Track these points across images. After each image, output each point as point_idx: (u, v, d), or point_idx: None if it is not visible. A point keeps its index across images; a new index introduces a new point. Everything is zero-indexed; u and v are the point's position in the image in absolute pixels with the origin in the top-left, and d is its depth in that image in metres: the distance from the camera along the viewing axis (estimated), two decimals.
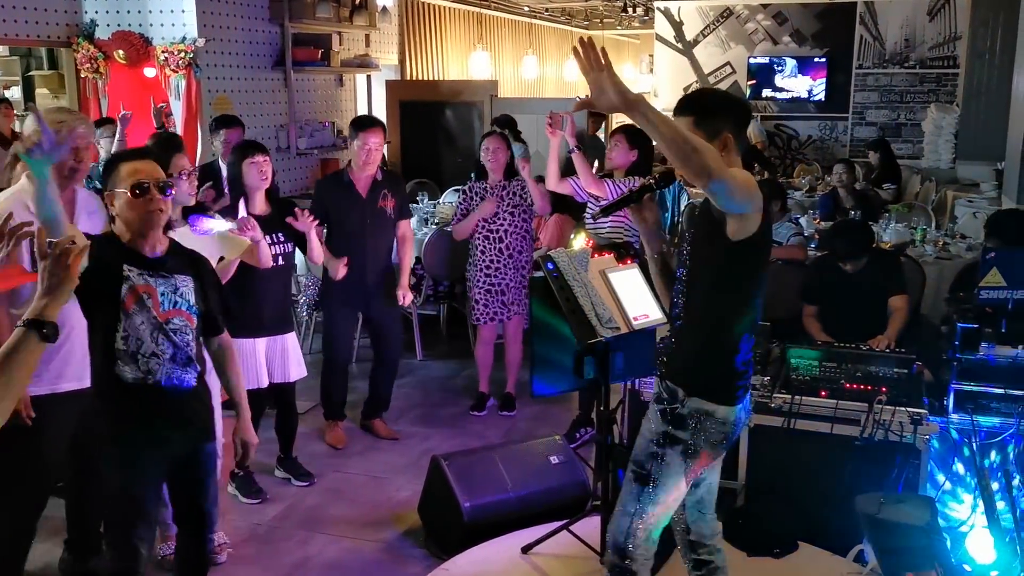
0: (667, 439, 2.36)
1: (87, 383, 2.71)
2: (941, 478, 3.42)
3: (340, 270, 4.16)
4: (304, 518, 3.89)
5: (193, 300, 2.62)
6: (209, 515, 2.84)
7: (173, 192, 2.59)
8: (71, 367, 2.94)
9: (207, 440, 2.76)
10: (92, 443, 2.69)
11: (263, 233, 3.56)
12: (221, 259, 3.34)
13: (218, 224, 3.33)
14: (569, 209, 5.54)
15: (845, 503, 3.15)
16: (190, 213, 3.33)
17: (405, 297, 4.61)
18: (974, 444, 3.35)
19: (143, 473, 2.59)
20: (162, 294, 2.54)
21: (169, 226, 2.72)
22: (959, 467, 3.41)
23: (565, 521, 3.34)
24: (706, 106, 2.32)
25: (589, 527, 3.26)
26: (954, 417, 3.37)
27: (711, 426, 2.35)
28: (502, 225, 4.83)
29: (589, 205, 4.63)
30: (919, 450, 3.31)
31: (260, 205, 3.91)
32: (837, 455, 3.36)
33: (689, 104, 2.34)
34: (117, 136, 5.25)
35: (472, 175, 5.05)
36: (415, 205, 7.22)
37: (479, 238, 4.85)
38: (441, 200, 7.32)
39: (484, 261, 4.85)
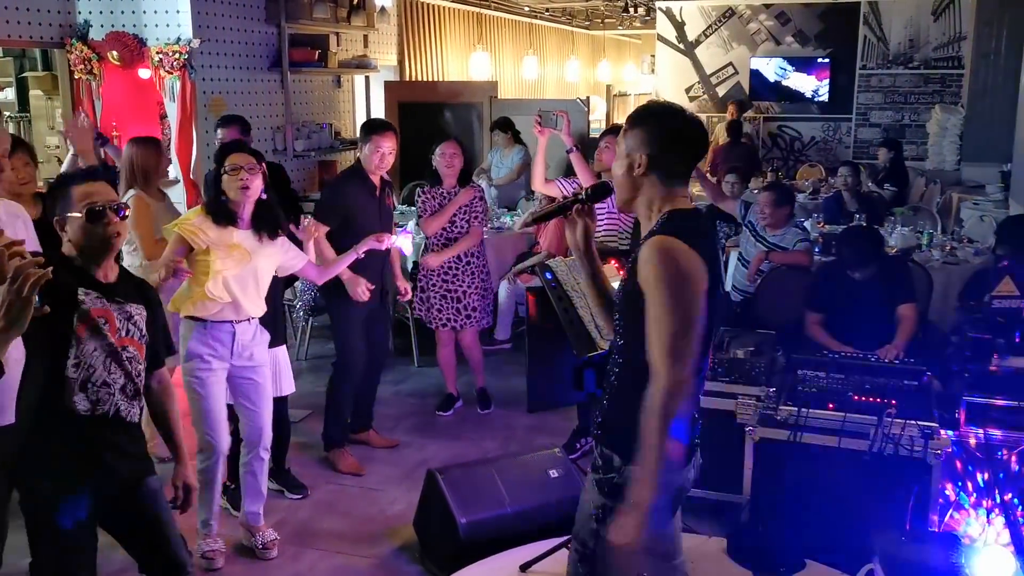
0: (606, 512, 2.03)
1: (10, 419, 2.46)
2: (952, 493, 3.32)
3: (363, 292, 4.08)
4: (296, 532, 3.79)
5: (144, 330, 2.51)
6: (179, 560, 2.59)
7: (127, 214, 2.47)
8: (6, 399, 2.69)
9: (149, 473, 2.57)
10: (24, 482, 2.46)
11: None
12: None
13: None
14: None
15: (854, 519, 3.06)
16: None
17: (407, 291, 4.60)
18: (986, 458, 3.26)
19: (85, 514, 2.40)
20: (118, 319, 2.42)
21: None
22: (971, 482, 3.32)
23: (565, 538, 3.23)
24: (630, 119, 2.12)
25: None
26: (966, 430, 3.27)
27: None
28: (462, 233, 4.79)
29: None
30: (930, 465, 3.21)
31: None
32: (845, 470, 3.26)
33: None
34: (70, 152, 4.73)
35: (423, 182, 4.92)
36: (412, 208, 7.12)
37: (437, 243, 4.81)
38: None
39: (443, 267, 4.80)
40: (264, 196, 3.39)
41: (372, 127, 4.32)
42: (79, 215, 2.36)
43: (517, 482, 3.55)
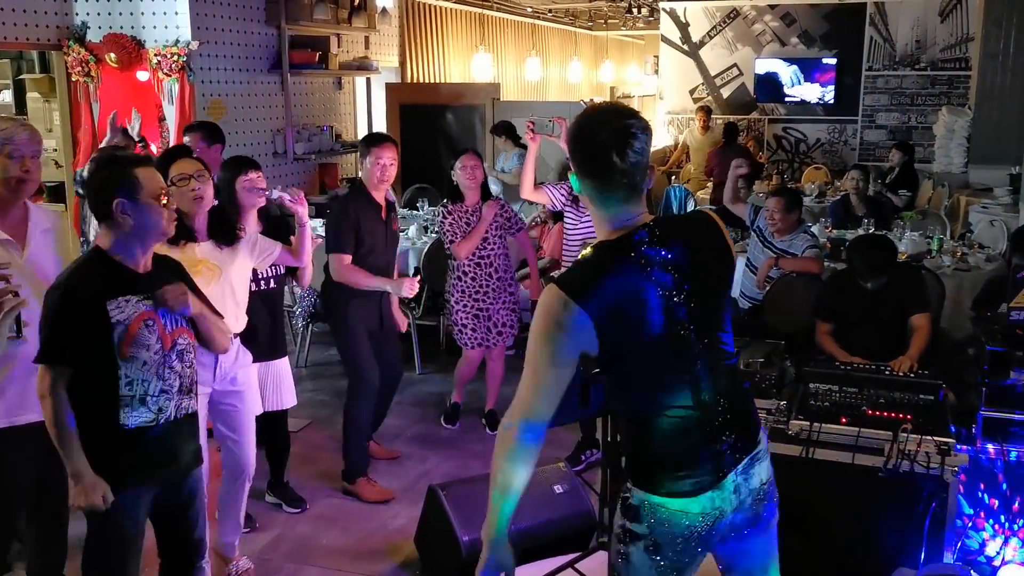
0: (627, 536, 2.00)
1: (31, 417, 2.50)
2: (970, 511, 3.23)
3: (410, 286, 3.96)
4: (294, 548, 3.70)
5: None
6: (199, 543, 2.65)
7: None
8: (31, 399, 2.72)
9: (199, 463, 2.61)
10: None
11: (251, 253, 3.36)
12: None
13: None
14: None
15: (867, 538, 2.96)
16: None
17: (404, 325, 4.47)
18: (1004, 474, 3.16)
19: (139, 515, 2.45)
20: (163, 315, 2.39)
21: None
22: (988, 499, 3.22)
23: (570, 558, 3.14)
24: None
25: (596, 563, 3.07)
26: (983, 446, 3.18)
27: (665, 518, 1.94)
28: (493, 250, 4.64)
29: (566, 213, 4.46)
30: (947, 482, 3.11)
31: (251, 224, 3.71)
32: (858, 487, 3.16)
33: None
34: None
35: (446, 200, 4.69)
36: (415, 212, 7.04)
37: (469, 264, 4.61)
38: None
39: (473, 287, 4.64)
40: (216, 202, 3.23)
41: (371, 140, 4.16)
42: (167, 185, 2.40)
43: (521, 498, 3.43)
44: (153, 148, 5.96)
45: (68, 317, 2.28)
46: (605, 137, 1.84)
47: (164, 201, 2.37)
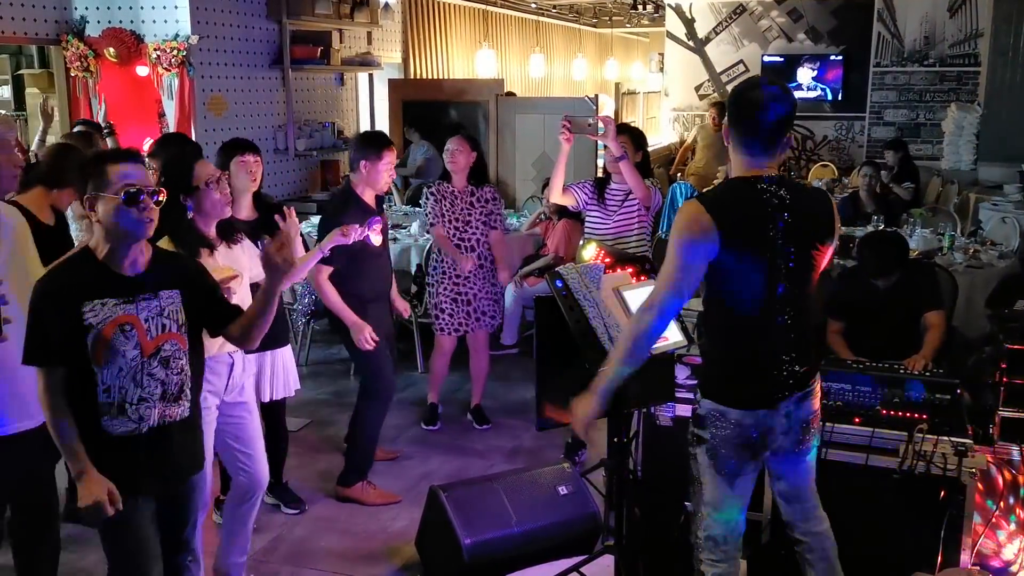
0: (695, 439, 2.46)
1: (40, 419, 2.40)
2: (987, 514, 3.13)
3: (368, 340, 3.80)
4: (292, 551, 3.61)
5: (183, 318, 2.34)
6: (187, 543, 2.57)
7: (161, 199, 2.28)
8: (17, 406, 2.64)
9: (199, 470, 2.52)
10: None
11: (249, 241, 3.25)
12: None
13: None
14: (577, 214, 5.25)
15: (882, 542, 2.87)
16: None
17: (407, 310, 4.39)
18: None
19: (141, 524, 2.35)
20: (146, 320, 2.26)
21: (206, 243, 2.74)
22: (1006, 502, 3.12)
23: (575, 561, 3.05)
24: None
25: (601, 567, 2.98)
26: (1001, 447, 3.08)
27: (725, 426, 2.39)
28: (474, 234, 4.59)
29: (589, 213, 4.30)
30: (964, 484, 3.01)
31: (246, 210, 3.63)
32: (872, 489, 3.06)
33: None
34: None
35: (433, 180, 4.74)
36: (418, 209, 6.95)
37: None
38: None
39: (454, 269, 4.60)
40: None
41: (380, 142, 3.92)
42: (115, 197, 2.20)
43: (524, 499, 3.36)
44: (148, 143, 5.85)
45: (44, 317, 2.20)
46: (755, 97, 2.31)
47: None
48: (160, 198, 2.27)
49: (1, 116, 3.09)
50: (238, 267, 3.02)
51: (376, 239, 3.79)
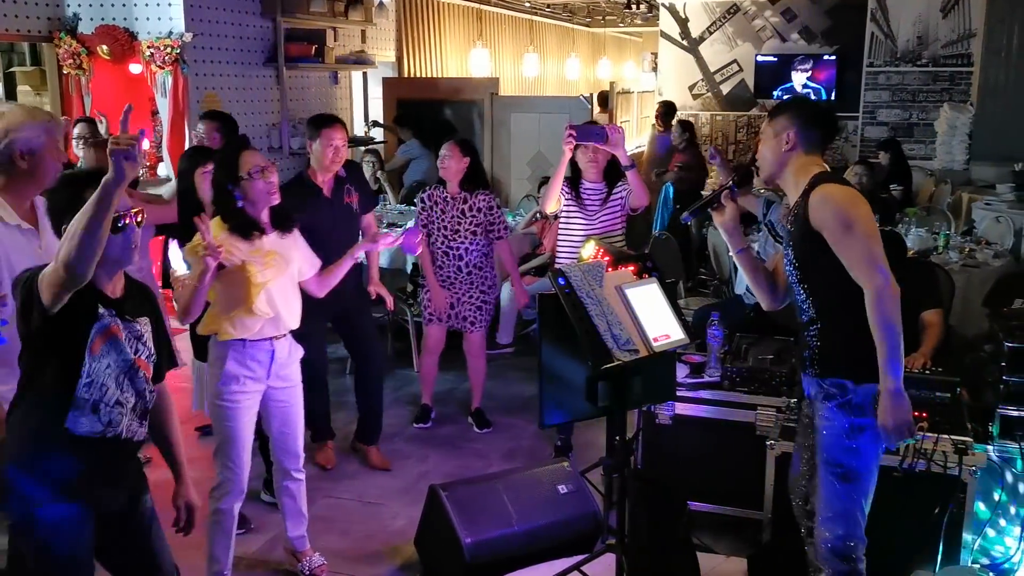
0: (856, 430, 2.47)
1: None
2: (986, 511, 3.14)
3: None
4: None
5: (151, 348, 2.32)
6: (165, 568, 2.44)
7: (141, 220, 2.24)
8: None
9: (145, 492, 2.41)
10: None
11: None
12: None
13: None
14: None
15: (882, 540, 2.87)
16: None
17: (386, 298, 4.26)
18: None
19: (82, 535, 2.23)
20: (126, 339, 2.24)
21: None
22: (1006, 499, 3.13)
23: (576, 560, 3.04)
24: (776, 108, 2.69)
25: (602, 567, 2.96)
26: (1001, 445, 3.09)
27: (874, 406, 2.44)
28: (462, 243, 4.55)
29: (565, 212, 4.29)
30: (964, 482, 3.02)
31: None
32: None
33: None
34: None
35: (427, 186, 4.73)
36: (413, 208, 6.93)
37: (438, 252, 4.59)
38: None
39: (442, 273, 4.61)
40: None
41: (321, 121, 4.04)
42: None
43: (525, 498, 3.35)
44: (146, 144, 5.82)
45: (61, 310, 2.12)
46: (833, 119, 2.69)
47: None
48: (140, 219, 2.21)
49: (51, 114, 3.06)
50: (286, 256, 3.09)
51: (412, 248, 3.79)
